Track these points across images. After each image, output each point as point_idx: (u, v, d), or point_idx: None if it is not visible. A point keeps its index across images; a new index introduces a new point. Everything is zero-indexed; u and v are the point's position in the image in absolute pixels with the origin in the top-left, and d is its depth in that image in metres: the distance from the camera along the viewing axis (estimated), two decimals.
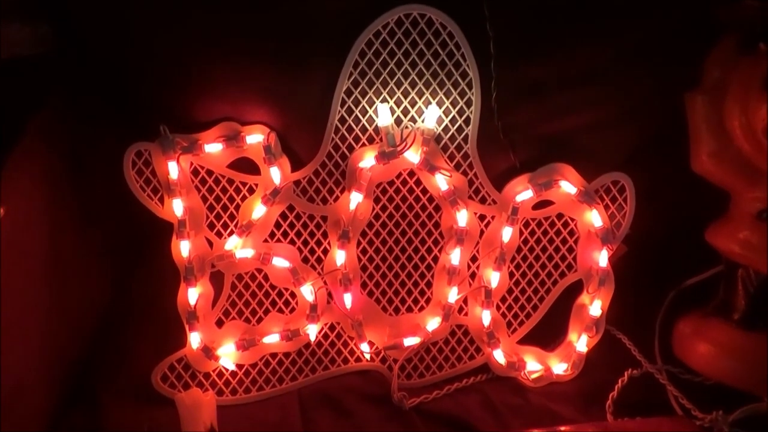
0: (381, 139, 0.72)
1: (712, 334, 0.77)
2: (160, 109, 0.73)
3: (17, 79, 0.68)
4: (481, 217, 0.77)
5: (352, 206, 0.73)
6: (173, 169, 0.71)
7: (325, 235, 0.76)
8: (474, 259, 0.78)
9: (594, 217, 0.77)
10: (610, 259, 0.79)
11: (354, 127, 0.73)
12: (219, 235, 0.75)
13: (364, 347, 0.78)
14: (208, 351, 0.74)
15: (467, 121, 0.74)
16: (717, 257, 0.79)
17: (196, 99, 0.72)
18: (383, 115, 0.71)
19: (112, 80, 0.73)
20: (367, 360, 0.79)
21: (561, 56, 0.73)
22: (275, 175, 0.72)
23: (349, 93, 0.72)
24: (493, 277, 0.77)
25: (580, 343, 0.80)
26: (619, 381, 0.79)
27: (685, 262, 0.86)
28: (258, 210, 0.73)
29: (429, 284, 0.79)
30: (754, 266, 0.74)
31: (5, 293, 0.63)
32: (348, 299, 0.76)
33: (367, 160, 0.73)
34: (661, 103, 0.78)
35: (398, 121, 0.73)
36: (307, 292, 0.75)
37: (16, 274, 0.65)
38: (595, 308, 0.79)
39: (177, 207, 0.72)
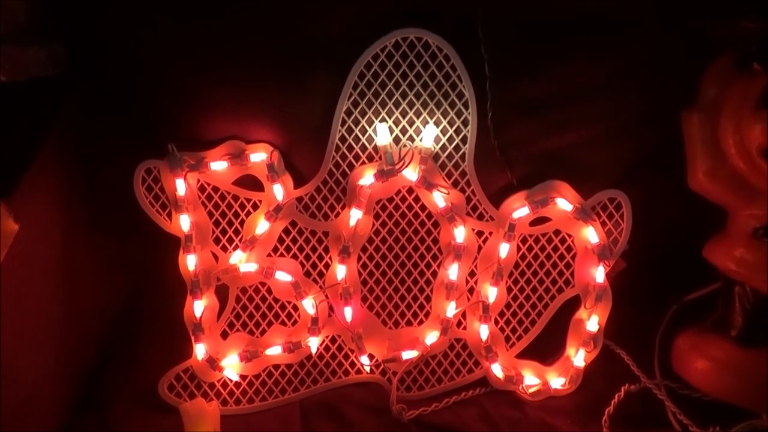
0: (380, 158, 0.74)
1: (709, 351, 0.77)
2: (169, 129, 0.75)
3: (33, 99, 0.70)
4: (479, 233, 0.78)
5: (353, 222, 0.75)
6: (181, 186, 0.73)
7: (326, 250, 0.78)
8: (472, 274, 0.79)
9: (590, 234, 0.77)
10: (608, 274, 0.79)
11: (354, 145, 0.75)
12: (224, 249, 0.77)
13: (364, 360, 0.80)
14: (212, 362, 0.76)
15: (464, 140, 0.75)
16: (717, 272, 0.79)
17: (203, 119, 0.75)
18: (382, 134, 0.73)
19: (124, 101, 0.76)
20: (367, 372, 0.81)
21: (555, 75, 0.74)
22: (278, 191, 0.74)
23: (349, 113, 0.74)
24: (491, 292, 0.78)
25: (578, 357, 0.80)
26: (616, 396, 0.79)
27: (686, 277, 0.86)
28: (261, 225, 0.75)
29: (428, 299, 0.80)
30: (750, 283, 0.74)
31: (21, 304, 0.65)
32: (348, 313, 0.77)
33: (367, 177, 0.74)
34: (657, 120, 0.78)
35: (397, 140, 0.75)
36: (309, 305, 0.77)
37: (31, 286, 0.68)
38: (593, 323, 0.79)
39: (184, 222, 0.74)
